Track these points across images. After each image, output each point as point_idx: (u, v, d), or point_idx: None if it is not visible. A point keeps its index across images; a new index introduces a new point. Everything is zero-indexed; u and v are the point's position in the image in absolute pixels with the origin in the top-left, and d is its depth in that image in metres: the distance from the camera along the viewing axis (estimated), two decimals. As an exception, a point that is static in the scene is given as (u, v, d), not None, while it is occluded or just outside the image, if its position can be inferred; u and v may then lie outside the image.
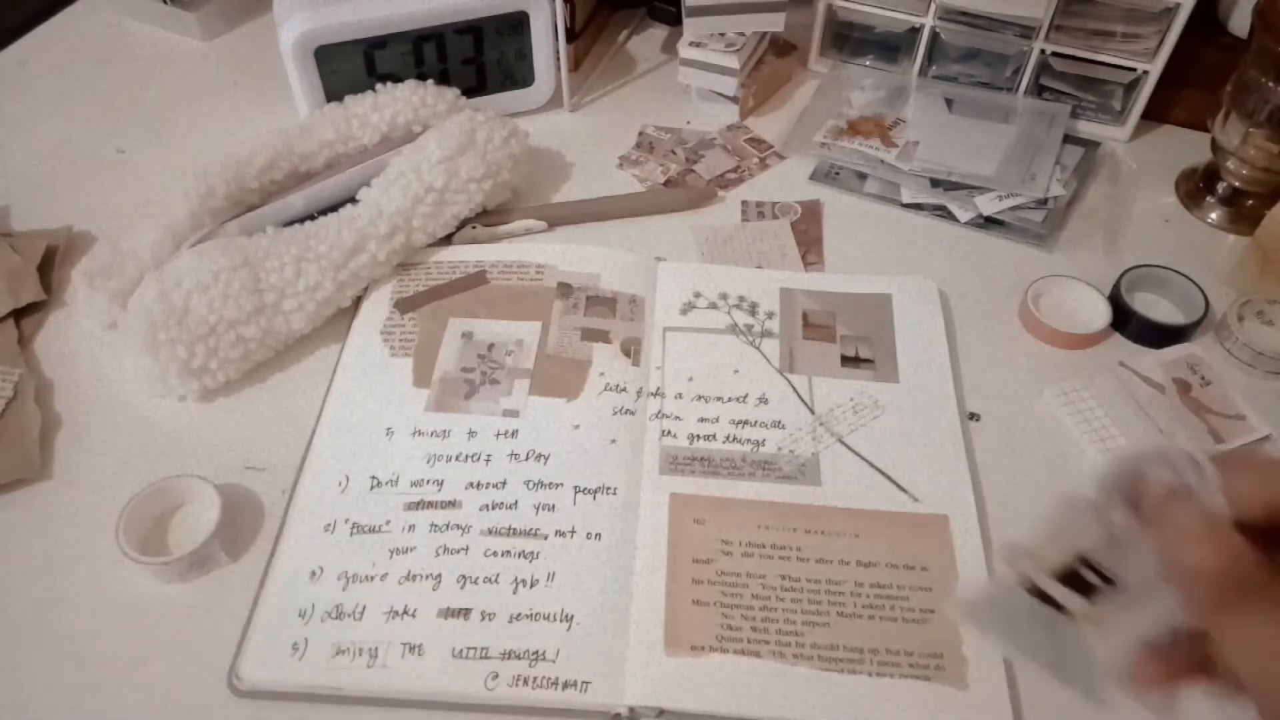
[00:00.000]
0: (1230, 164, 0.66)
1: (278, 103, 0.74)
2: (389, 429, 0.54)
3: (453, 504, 0.50)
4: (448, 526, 0.49)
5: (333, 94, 0.67)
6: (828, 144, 0.71)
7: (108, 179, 0.70)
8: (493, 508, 0.50)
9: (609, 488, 0.51)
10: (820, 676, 0.44)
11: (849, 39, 0.79)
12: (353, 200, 0.61)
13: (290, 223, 0.60)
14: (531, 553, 0.48)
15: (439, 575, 0.47)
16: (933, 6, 0.72)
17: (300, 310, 0.56)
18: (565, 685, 0.44)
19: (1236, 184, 0.67)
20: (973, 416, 0.56)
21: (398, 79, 0.66)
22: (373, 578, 0.47)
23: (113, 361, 0.56)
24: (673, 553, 0.48)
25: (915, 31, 0.74)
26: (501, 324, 0.59)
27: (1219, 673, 0.31)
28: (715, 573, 0.48)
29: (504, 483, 0.51)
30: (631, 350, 0.58)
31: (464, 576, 0.47)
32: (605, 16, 0.84)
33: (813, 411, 0.55)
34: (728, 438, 0.53)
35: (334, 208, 0.61)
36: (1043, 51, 0.71)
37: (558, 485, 0.51)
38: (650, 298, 0.61)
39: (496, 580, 0.47)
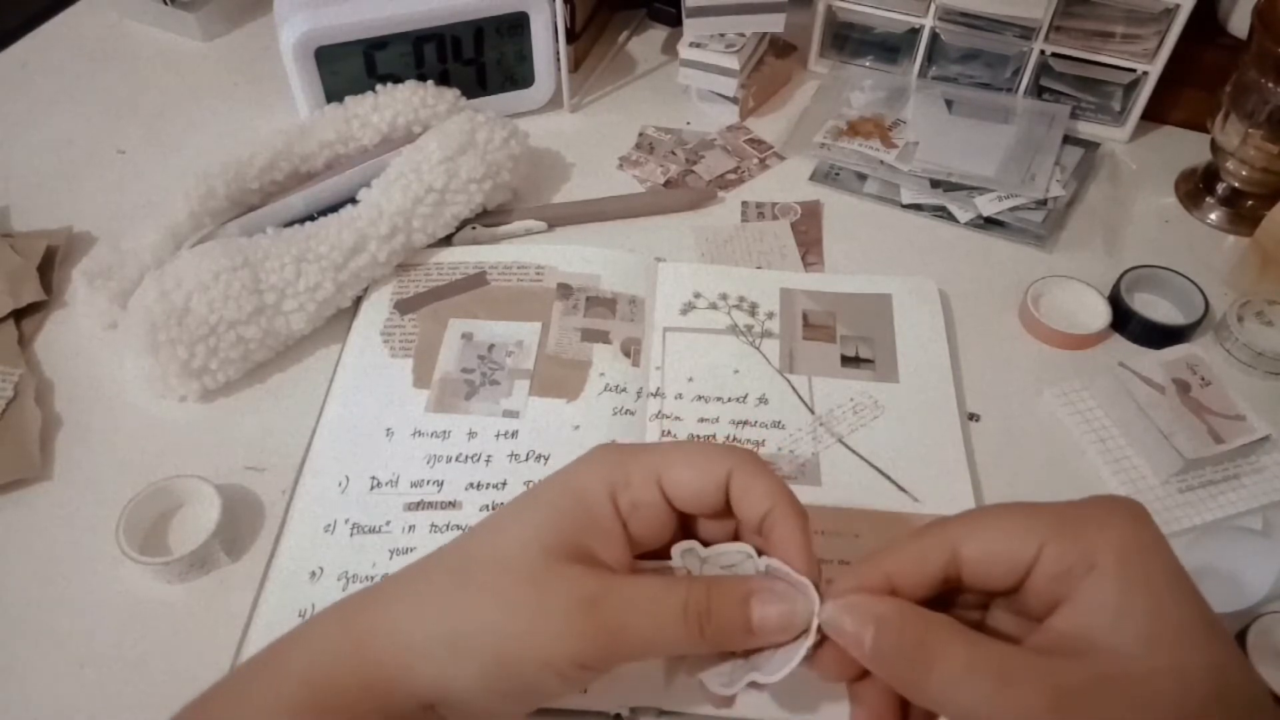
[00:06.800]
0: (1230, 165, 0.66)
1: (278, 103, 0.74)
2: (389, 429, 0.54)
3: (453, 505, 0.50)
4: (448, 527, 0.49)
5: (333, 94, 0.67)
6: (827, 144, 0.71)
7: (108, 179, 0.70)
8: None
9: (609, 488, 0.51)
10: (820, 677, 0.44)
11: (849, 40, 0.79)
12: (353, 201, 0.61)
13: (290, 223, 0.60)
14: (532, 553, 0.48)
15: (439, 575, 0.47)
16: (932, 7, 0.72)
17: (300, 311, 0.56)
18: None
19: (1236, 184, 0.67)
20: (973, 417, 0.56)
21: (398, 79, 0.66)
22: (373, 578, 0.47)
23: (113, 361, 0.56)
24: (673, 553, 0.48)
25: (915, 32, 0.74)
26: (501, 325, 0.59)
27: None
28: (715, 573, 0.48)
29: (504, 483, 0.51)
30: (631, 351, 0.58)
31: (464, 577, 0.47)
32: (605, 17, 0.84)
33: (813, 412, 0.55)
34: (728, 438, 0.53)
35: (334, 208, 0.61)
36: (1042, 52, 0.71)
37: (558, 485, 0.51)
38: (650, 298, 0.61)
39: (496, 580, 0.47)
